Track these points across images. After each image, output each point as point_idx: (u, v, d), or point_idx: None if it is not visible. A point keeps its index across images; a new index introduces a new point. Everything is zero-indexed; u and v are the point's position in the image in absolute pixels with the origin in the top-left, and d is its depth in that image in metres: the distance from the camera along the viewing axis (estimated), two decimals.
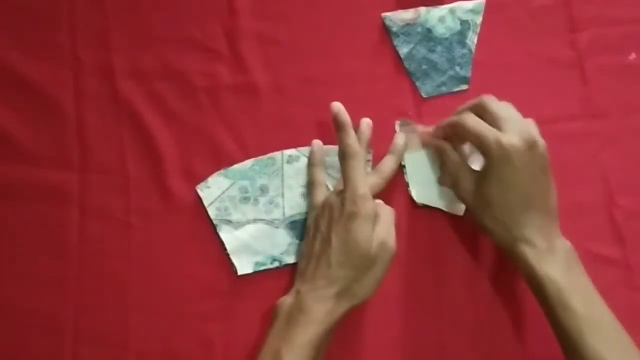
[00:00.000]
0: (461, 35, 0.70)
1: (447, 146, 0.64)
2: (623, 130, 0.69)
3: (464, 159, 0.63)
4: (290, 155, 0.67)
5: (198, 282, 0.66)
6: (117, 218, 0.67)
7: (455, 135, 0.63)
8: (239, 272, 0.65)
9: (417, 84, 0.69)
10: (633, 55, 0.70)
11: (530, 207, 0.58)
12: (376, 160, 0.67)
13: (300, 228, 0.66)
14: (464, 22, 0.70)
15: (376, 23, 0.70)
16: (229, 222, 0.66)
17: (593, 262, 0.66)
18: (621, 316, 0.65)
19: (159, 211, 0.67)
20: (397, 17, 0.70)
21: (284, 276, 0.66)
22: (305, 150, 0.67)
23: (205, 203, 0.67)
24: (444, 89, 0.69)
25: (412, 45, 0.70)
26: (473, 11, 0.70)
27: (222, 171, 0.67)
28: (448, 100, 0.69)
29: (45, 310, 0.65)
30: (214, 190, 0.67)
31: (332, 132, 0.68)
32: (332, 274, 0.58)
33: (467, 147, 0.65)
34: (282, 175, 0.67)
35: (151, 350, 0.64)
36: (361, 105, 0.68)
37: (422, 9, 0.70)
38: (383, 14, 0.70)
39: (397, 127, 0.67)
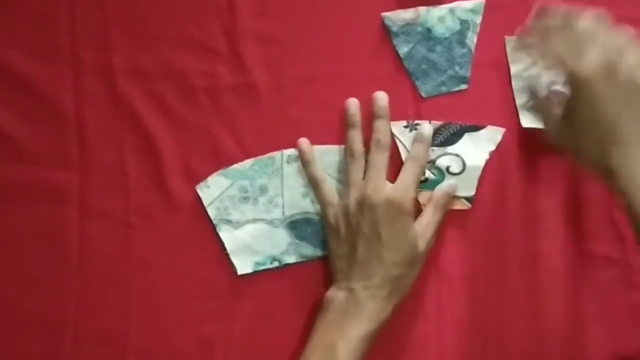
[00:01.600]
0: (461, 35, 0.70)
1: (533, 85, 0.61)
2: None
3: (549, 96, 0.60)
4: (290, 155, 0.67)
5: (198, 282, 0.66)
6: (117, 218, 0.67)
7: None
8: (239, 272, 0.65)
9: (417, 83, 0.69)
10: None
11: (622, 128, 0.52)
12: None
13: (300, 228, 0.66)
14: (463, 22, 0.70)
15: (376, 23, 0.70)
16: (228, 221, 0.66)
17: (593, 262, 0.66)
18: (621, 316, 0.65)
19: (159, 211, 0.67)
20: (397, 17, 0.70)
21: (284, 276, 0.66)
22: None
23: (205, 203, 0.67)
24: (443, 89, 0.69)
25: (411, 45, 0.70)
26: (473, 11, 0.70)
27: (221, 171, 0.67)
28: (448, 99, 0.69)
29: (45, 310, 0.65)
30: (213, 190, 0.67)
31: (332, 132, 0.68)
32: (387, 273, 0.59)
33: None
34: (282, 175, 0.67)
35: (151, 350, 0.64)
36: (361, 105, 0.68)
37: (422, 9, 0.70)
38: (383, 14, 0.70)
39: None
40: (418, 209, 0.64)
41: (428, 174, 0.67)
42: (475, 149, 0.67)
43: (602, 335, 0.64)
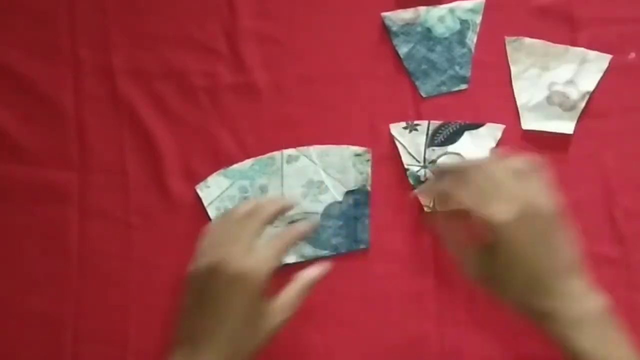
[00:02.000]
0: (461, 34, 0.70)
1: (446, 230, 0.59)
2: (623, 130, 0.69)
3: (464, 239, 0.57)
4: (290, 155, 0.67)
5: None
6: (117, 218, 0.67)
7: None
8: None
9: (417, 83, 0.69)
10: (633, 55, 0.70)
11: (545, 275, 0.52)
12: (376, 160, 0.67)
13: None
14: (463, 22, 0.70)
15: (376, 23, 0.70)
16: None
17: (593, 262, 0.66)
18: (621, 315, 0.65)
19: (159, 211, 0.67)
20: (397, 17, 0.70)
21: (284, 276, 0.65)
22: (305, 150, 0.67)
23: (205, 203, 0.67)
24: (443, 89, 0.69)
25: (411, 45, 0.70)
26: (472, 11, 0.70)
27: (221, 171, 0.67)
28: (448, 99, 0.69)
29: (45, 310, 0.65)
30: (213, 190, 0.67)
31: (332, 132, 0.68)
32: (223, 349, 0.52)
33: None
34: (282, 175, 0.67)
35: (151, 349, 0.64)
36: (360, 105, 0.69)
37: (422, 9, 0.70)
38: (383, 14, 0.70)
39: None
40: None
41: (429, 174, 0.67)
42: (476, 147, 0.67)
43: None
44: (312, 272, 0.57)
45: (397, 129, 0.68)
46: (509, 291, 0.53)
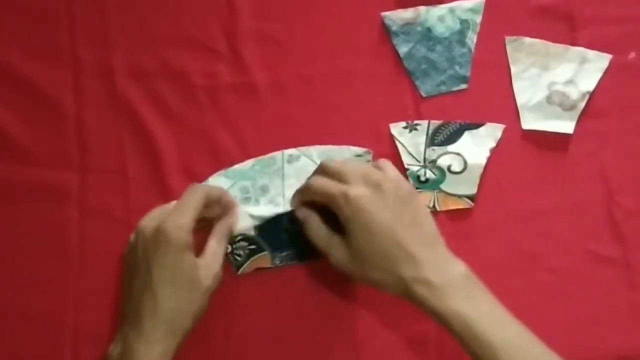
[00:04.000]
0: (461, 34, 0.70)
1: (311, 219, 0.60)
2: (623, 130, 0.69)
3: (328, 228, 0.59)
4: (290, 155, 0.67)
5: None
6: (117, 218, 0.67)
7: (312, 200, 0.60)
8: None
9: (417, 83, 0.69)
10: (632, 55, 0.70)
11: (406, 244, 0.55)
12: (376, 159, 0.67)
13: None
14: (463, 22, 0.70)
15: (376, 22, 0.71)
16: None
17: (593, 262, 0.66)
18: (621, 315, 0.65)
19: None
20: (397, 17, 0.70)
21: (284, 276, 0.66)
22: (305, 149, 0.67)
23: None
24: (443, 88, 0.69)
25: (411, 45, 0.70)
26: (472, 10, 0.70)
27: (222, 171, 0.67)
28: (447, 99, 0.69)
29: (45, 310, 0.64)
30: None
31: (332, 132, 0.68)
32: (160, 313, 0.55)
33: None
34: (283, 174, 0.67)
35: None
36: (360, 105, 0.69)
37: (422, 8, 0.70)
38: (383, 13, 0.70)
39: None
40: None
41: (429, 173, 0.67)
42: (476, 147, 0.67)
43: (602, 335, 0.64)
44: (226, 220, 0.62)
45: (397, 129, 0.68)
46: (375, 266, 0.56)
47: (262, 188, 0.67)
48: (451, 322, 0.53)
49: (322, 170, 0.60)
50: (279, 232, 0.65)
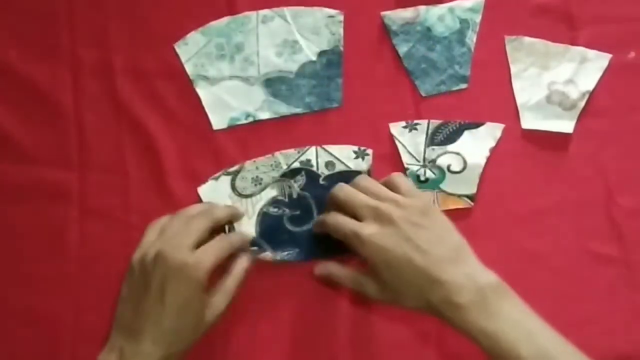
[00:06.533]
0: (460, 34, 0.70)
1: (335, 271, 0.61)
2: (623, 130, 0.69)
3: (353, 272, 0.60)
4: (265, 15, 0.69)
5: None
6: (117, 218, 0.67)
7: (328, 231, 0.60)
8: (215, 127, 0.68)
9: (417, 82, 0.69)
10: (632, 54, 0.70)
11: (429, 270, 0.54)
12: (375, 160, 0.67)
13: (275, 86, 0.68)
14: (463, 21, 0.70)
15: (375, 22, 0.71)
16: (205, 78, 0.69)
17: (593, 261, 0.66)
18: (621, 316, 0.65)
19: (159, 211, 0.67)
20: (397, 16, 0.70)
21: (284, 276, 0.65)
22: (279, 10, 0.70)
23: (183, 59, 0.69)
24: (443, 88, 0.69)
25: (411, 44, 0.70)
26: (472, 10, 0.70)
27: (199, 29, 0.69)
28: (447, 98, 0.69)
29: (45, 310, 0.64)
30: (191, 47, 0.69)
31: (332, 131, 0.68)
32: (161, 337, 0.56)
33: None
34: (257, 34, 0.69)
35: None
36: (360, 104, 0.68)
37: (422, 8, 0.70)
38: (382, 13, 0.70)
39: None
40: None
41: (429, 173, 0.67)
42: (476, 147, 0.67)
43: (602, 335, 0.64)
44: (242, 263, 0.62)
45: (396, 128, 0.68)
46: (406, 296, 0.56)
47: (237, 46, 0.69)
48: (479, 340, 0.53)
49: (332, 201, 0.60)
50: (279, 232, 0.65)
